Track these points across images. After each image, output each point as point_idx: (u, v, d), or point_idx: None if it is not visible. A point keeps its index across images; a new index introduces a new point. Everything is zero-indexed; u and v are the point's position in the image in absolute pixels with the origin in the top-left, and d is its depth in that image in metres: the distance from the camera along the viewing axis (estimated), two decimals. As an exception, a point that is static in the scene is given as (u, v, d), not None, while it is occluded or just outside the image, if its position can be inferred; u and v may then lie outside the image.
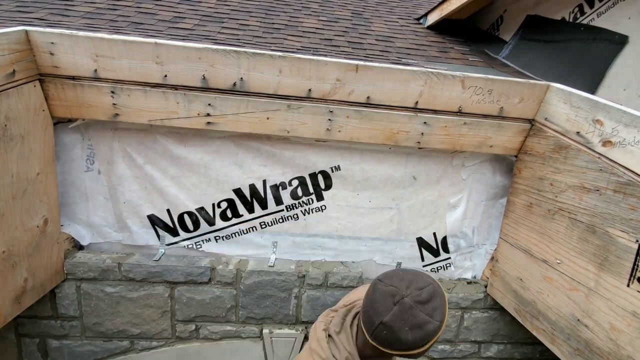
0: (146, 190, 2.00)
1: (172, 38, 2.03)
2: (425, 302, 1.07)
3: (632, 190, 1.43)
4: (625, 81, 2.05)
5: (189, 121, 1.80)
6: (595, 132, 1.60)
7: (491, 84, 1.86)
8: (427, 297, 1.08)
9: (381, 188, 2.12)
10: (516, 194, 2.04)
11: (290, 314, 2.14)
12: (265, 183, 2.05)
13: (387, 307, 1.07)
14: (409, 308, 1.05)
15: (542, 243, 1.83)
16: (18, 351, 2.06)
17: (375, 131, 1.91)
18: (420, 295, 1.08)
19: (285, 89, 1.79)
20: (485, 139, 1.98)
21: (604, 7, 2.20)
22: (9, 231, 1.53)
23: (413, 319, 1.05)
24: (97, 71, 1.67)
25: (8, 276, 1.55)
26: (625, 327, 1.42)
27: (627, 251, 1.43)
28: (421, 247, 2.25)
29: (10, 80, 1.49)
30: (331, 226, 2.16)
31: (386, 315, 1.06)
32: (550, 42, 2.52)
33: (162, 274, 1.99)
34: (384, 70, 1.80)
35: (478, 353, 2.39)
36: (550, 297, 1.77)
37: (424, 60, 2.41)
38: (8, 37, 1.48)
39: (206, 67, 1.71)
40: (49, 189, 1.76)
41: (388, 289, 1.10)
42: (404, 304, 1.06)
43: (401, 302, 1.06)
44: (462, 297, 2.22)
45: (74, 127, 1.86)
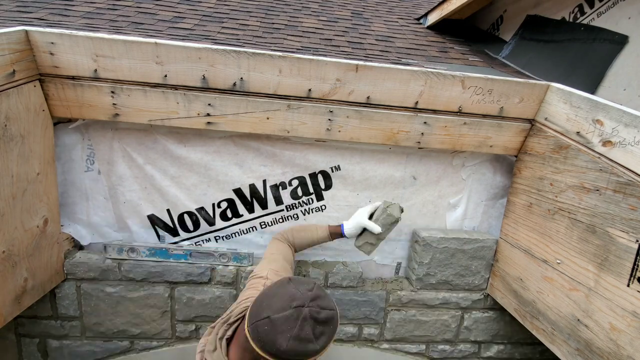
0: (146, 190, 2.00)
1: (172, 38, 2.03)
2: (320, 322, 1.04)
3: (632, 190, 1.43)
4: (625, 81, 2.04)
5: (189, 121, 1.80)
6: (595, 132, 1.60)
7: (491, 84, 1.86)
8: (324, 318, 1.05)
9: (381, 188, 2.12)
10: (516, 194, 2.04)
11: (290, 314, 2.13)
12: (265, 183, 2.06)
13: (282, 307, 1.03)
14: (302, 318, 1.01)
15: (542, 243, 1.83)
16: (18, 351, 2.06)
17: (375, 131, 1.91)
18: (320, 313, 1.04)
19: (285, 89, 1.79)
20: (485, 139, 1.98)
21: (604, 7, 2.20)
22: (9, 231, 1.53)
23: (299, 330, 1.01)
24: (97, 71, 1.67)
25: (8, 276, 1.55)
26: (625, 327, 1.42)
27: (627, 251, 1.43)
28: (421, 247, 2.25)
29: (10, 80, 1.49)
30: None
31: (277, 313, 1.02)
32: (550, 42, 2.52)
33: (162, 274, 1.99)
34: (384, 70, 1.80)
35: (478, 353, 2.39)
36: (550, 297, 1.77)
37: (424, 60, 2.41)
38: (8, 37, 1.48)
39: (206, 67, 1.71)
40: (49, 189, 1.76)
41: (293, 292, 1.06)
42: (299, 312, 1.02)
43: (298, 308, 1.02)
44: (462, 297, 2.23)
45: (74, 127, 1.86)
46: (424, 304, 2.20)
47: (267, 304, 1.06)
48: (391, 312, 2.20)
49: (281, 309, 1.03)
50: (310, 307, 1.03)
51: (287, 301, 1.04)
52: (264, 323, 1.02)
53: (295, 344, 1.00)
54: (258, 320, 1.04)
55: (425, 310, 2.22)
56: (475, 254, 2.14)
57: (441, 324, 2.26)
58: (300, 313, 1.02)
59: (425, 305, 2.21)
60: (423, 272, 2.14)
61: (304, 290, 1.07)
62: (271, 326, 1.01)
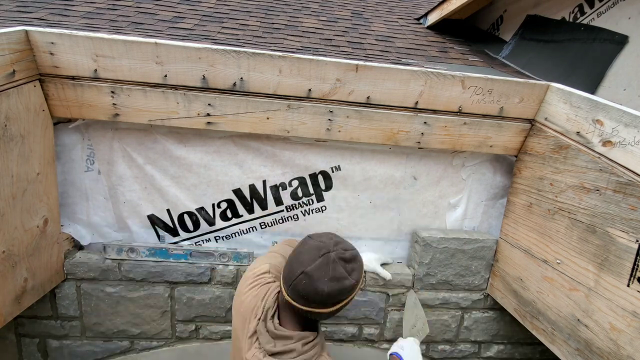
0: (146, 190, 2.00)
1: (172, 38, 2.03)
2: (348, 261, 1.17)
3: (632, 190, 1.43)
4: (625, 81, 2.04)
5: (189, 121, 1.80)
6: (595, 132, 1.60)
7: (491, 84, 1.86)
8: (350, 257, 1.18)
9: (382, 188, 2.12)
10: (516, 194, 2.04)
11: (290, 314, 2.13)
12: (265, 183, 2.05)
13: (312, 258, 1.14)
14: (332, 261, 1.13)
15: (542, 243, 1.83)
16: (18, 351, 2.06)
17: (375, 131, 1.91)
18: (345, 254, 1.17)
19: (285, 89, 1.79)
20: (485, 139, 1.98)
21: (604, 7, 2.20)
22: (9, 231, 1.53)
23: (334, 272, 1.12)
24: (97, 71, 1.67)
25: (8, 276, 1.55)
26: (625, 327, 1.42)
27: (627, 251, 1.43)
28: (421, 247, 2.25)
29: (10, 80, 1.49)
30: (331, 226, 2.16)
31: (310, 265, 1.13)
32: (550, 42, 2.52)
33: (162, 274, 1.99)
34: (384, 70, 1.80)
35: (478, 353, 2.39)
36: (550, 297, 1.77)
37: (424, 60, 2.41)
38: (8, 37, 1.48)
39: (206, 67, 1.71)
40: (49, 189, 1.76)
41: (316, 244, 1.18)
42: (328, 257, 1.14)
43: (326, 255, 1.14)
44: (462, 297, 2.23)
45: (74, 127, 1.86)
46: (424, 304, 2.20)
47: (298, 263, 1.15)
48: (391, 312, 2.20)
49: (311, 260, 1.13)
50: (335, 250, 1.16)
51: (314, 253, 1.15)
52: (300, 279, 1.12)
53: (334, 284, 1.12)
54: (294, 279, 1.13)
55: (426, 310, 2.22)
56: (475, 254, 2.14)
57: (441, 324, 2.26)
58: (329, 258, 1.14)
59: (425, 305, 2.21)
60: (423, 272, 2.14)
61: (325, 239, 1.19)
62: (308, 278, 1.11)
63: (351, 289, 1.17)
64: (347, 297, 1.17)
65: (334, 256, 1.14)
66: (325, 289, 1.10)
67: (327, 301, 1.13)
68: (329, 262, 1.13)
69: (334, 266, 1.13)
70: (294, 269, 1.14)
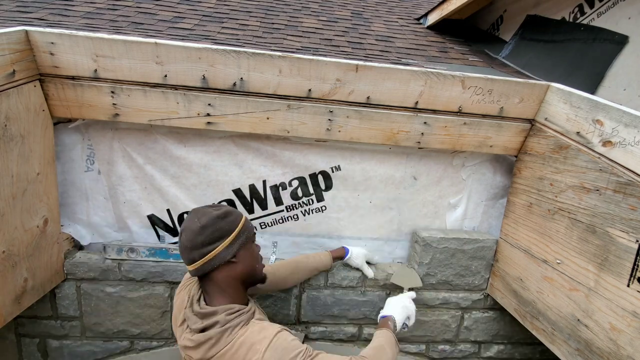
0: (146, 190, 2.00)
1: (172, 38, 2.03)
2: (212, 206, 1.32)
3: (632, 190, 1.43)
4: (625, 81, 2.04)
5: (189, 121, 1.80)
6: (595, 132, 1.60)
7: (491, 84, 1.86)
8: (215, 204, 1.35)
9: (382, 188, 2.12)
10: (516, 194, 2.04)
11: (290, 314, 2.13)
12: (265, 183, 2.05)
13: (185, 220, 1.29)
14: (196, 210, 1.29)
15: (542, 243, 1.83)
16: (18, 351, 2.06)
17: (375, 131, 1.91)
18: (215, 206, 1.32)
19: (285, 89, 1.79)
20: (485, 139, 1.98)
21: (604, 7, 2.20)
22: (9, 231, 1.53)
23: (200, 213, 1.26)
24: (97, 71, 1.67)
25: (8, 276, 1.55)
26: (625, 327, 1.42)
27: (627, 251, 1.43)
28: (421, 247, 2.25)
29: (10, 80, 1.49)
30: (331, 226, 2.16)
31: (183, 224, 1.27)
32: (550, 42, 2.52)
33: (162, 274, 1.99)
34: (384, 70, 1.80)
35: (478, 353, 2.39)
36: (550, 297, 1.77)
37: (424, 60, 2.41)
38: (8, 37, 1.48)
39: (206, 67, 1.71)
40: (49, 189, 1.76)
41: None
42: (196, 210, 1.29)
43: (194, 210, 1.30)
44: (462, 297, 2.23)
45: (74, 127, 1.86)
46: (424, 304, 2.20)
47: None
48: (391, 312, 2.20)
49: (183, 223, 1.31)
50: (198, 207, 1.33)
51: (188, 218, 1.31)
52: (181, 242, 1.26)
53: (204, 218, 1.24)
54: (180, 249, 1.28)
55: (425, 310, 2.22)
56: (475, 254, 2.14)
57: (441, 324, 2.26)
58: (198, 209, 1.30)
59: (425, 305, 2.21)
60: (423, 272, 2.14)
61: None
62: (185, 232, 1.25)
63: (223, 216, 1.25)
64: (227, 226, 1.26)
65: (202, 207, 1.30)
66: (198, 224, 1.22)
67: (208, 236, 1.22)
68: (193, 211, 1.29)
69: (197, 211, 1.28)
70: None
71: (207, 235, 1.22)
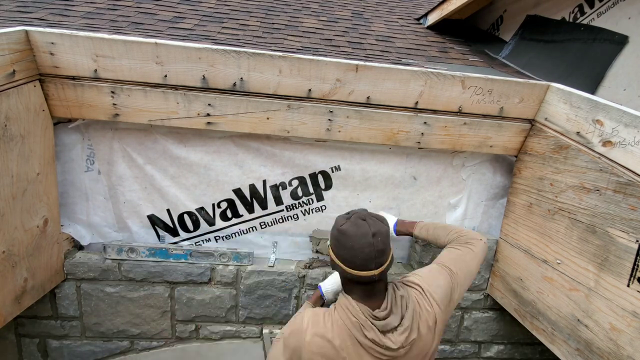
0: (146, 190, 2.00)
1: (172, 38, 2.03)
2: (366, 217, 1.23)
3: (632, 190, 1.43)
4: (625, 81, 2.04)
5: (189, 121, 1.80)
6: (595, 132, 1.60)
7: (491, 84, 1.86)
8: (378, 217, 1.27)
9: (381, 188, 2.12)
10: (516, 194, 2.03)
11: (291, 314, 2.13)
12: (265, 183, 2.05)
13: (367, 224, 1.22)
14: (366, 212, 1.25)
15: (542, 243, 1.83)
16: (18, 351, 2.06)
17: (375, 131, 1.91)
18: (361, 213, 1.26)
19: (285, 89, 1.79)
20: (485, 139, 1.98)
21: (604, 7, 2.20)
22: (9, 231, 1.53)
23: (374, 215, 1.24)
24: (97, 71, 1.67)
25: (8, 276, 1.55)
26: (625, 327, 1.42)
27: (627, 251, 1.43)
28: (421, 247, 2.25)
29: (10, 80, 1.49)
30: (331, 226, 2.15)
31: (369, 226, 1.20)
32: (550, 42, 2.52)
33: (162, 274, 1.99)
34: (384, 70, 1.80)
35: (478, 353, 2.39)
36: (550, 297, 1.77)
37: (424, 60, 2.41)
38: (8, 37, 1.48)
39: (206, 67, 1.71)
40: (49, 189, 1.76)
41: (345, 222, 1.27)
42: (366, 214, 1.24)
43: (362, 213, 1.24)
44: (462, 297, 2.22)
45: (74, 127, 1.86)
46: (424, 304, 2.20)
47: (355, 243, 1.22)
48: (391, 312, 2.20)
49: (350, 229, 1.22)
50: (357, 212, 1.26)
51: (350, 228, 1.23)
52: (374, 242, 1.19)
53: (350, 226, 1.19)
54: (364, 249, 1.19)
55: (425, 311, 2.22)
56: (475, 254, 2.13)
57: (441, 324, 2.26)
58: (352, 214, 1.25)
59: (425, 306, 2.21)
60: (423, 272, 2.13)
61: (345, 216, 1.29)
62: (376, 237, 1.19)
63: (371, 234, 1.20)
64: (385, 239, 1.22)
65: (365, 211, 1.26)
66: (383, 229, 1.20)
67: (387, 237, 1.21)
68: (369, 214, 1.23)
69: (373, 214, 1.24)
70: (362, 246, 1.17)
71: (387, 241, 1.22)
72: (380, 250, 1.17)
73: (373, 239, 1.16)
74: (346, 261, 1.19)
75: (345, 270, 1.20)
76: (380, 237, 1.18)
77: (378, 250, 1.17)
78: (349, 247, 1.18)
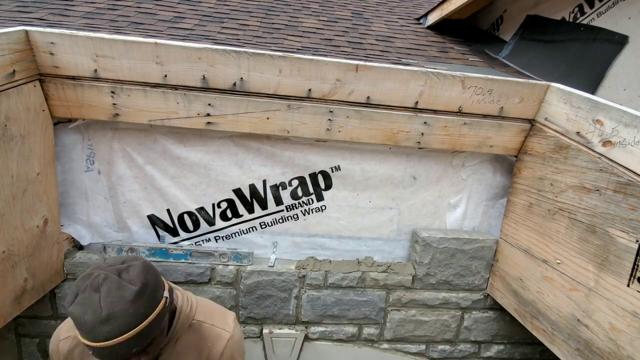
0: (146, 190, 2.00)
1: (172, 38, 2.03)
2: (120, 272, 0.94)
3: (632, 190, 1.43)
4: (625, 81, 2.04)
5: (189, 121, 1.80)
6: (595, 132, 1.60)
7: (491, 84, 1.86)
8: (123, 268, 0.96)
9: (381, 188, 2.12)
10: (516, 194, 2.04)
11: (290, 314, 2.14)
12: (265, 183, 2.05)
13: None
14: (90, 281, 0.92)
15: (542, 243, 1.83)
16: (18, 351, 2.06)
17: (375, 131, 1.91)
18: (107, 278, 0.92)
19: (285, 89, 1.79)
20: (485, 139, 1.98)
21: (604, 7, 2.20)
22: (9, 231, 1.53)
23: (82, 293, 0.90)
24: (97, 71, 1.67)
25: (8, 276, 1.55)
26: (625, 327, 1.42)
27: (627, 251, 1.43)
28: (421, 247, 2.25)
29: (10, 80, 1.49)
30: (331, 226, 2.16)
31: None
32: (550, 42, 2.52)
33: (162, 274, 1.99)
34: (384, 70, 1.80)
35: (478, 353, 2.39)
36: (550, 297, 1.77)
37: (424, 60, 2.41)
38: (8, 37, 1.48)
39: (206, 67, 1.71)
40: (49, 189, 1.76)
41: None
42: (90, 274, 0.94)
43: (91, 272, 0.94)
44: (462, 297, 2.23)
45: (74, 127, 1.86)
46: (424, 304, 2.20)
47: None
48: (391, 312, 2.20)
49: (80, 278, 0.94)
50: (105, 270, 0.92)
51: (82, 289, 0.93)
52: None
53: (76, 307, 0.89)
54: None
55: (425, 311, 2.22)
56: (475, 254, 2.14)
57: (441, 324, 2.26)
58: (90, 275, 0.92)
59: (425, 305, 2.21)
60: (423, 272, 2.14)
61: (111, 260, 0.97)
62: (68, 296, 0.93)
63: (92, 323, 0.88)
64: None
65: (96, 275, 0.92)
66: (68, 307, 0.90)
67: (78, 326, 0.89)
68: (87, 278, 0.92)
69: (86, 286, 0.90)
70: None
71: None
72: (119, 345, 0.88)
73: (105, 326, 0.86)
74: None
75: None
76: (117, 326, 0.87)
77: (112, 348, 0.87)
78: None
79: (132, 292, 0.91)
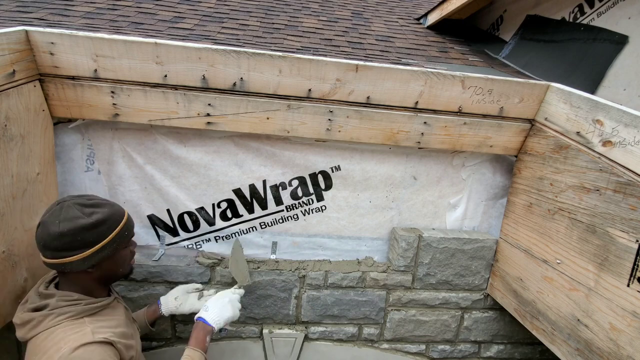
0: (146, 190, 2.00)
1: (172, 38, 2.03)
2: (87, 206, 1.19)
3: (632, 190, 1.43)
4: (625, 81, 2.04)
5: (189, 121, 1.80)
6: (595, 132, 1.60)
7: (491, 84, 1.86)
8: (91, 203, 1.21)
9: (381, 188, 2.12)
10: (516, 194, 2.04)
11: (290, 314, 2.14)
12: (265, 183, 2.05)
13: (49, 209, 1.19)
14: (67, 207, 1.17)
15: (542, 243, 1.83)
16: (18, 351, 2.06)
17: (375, 131, 1.91)
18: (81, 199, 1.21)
19: (285, 89, 1.79)
20: (485, 139, 1.98)
21: (604, 7, 2.20)
22: (9, 231, 1.53)
23: (66, 214, 1.15)
24: (97, 71, 1.67)
25: (8, 276, 1.55)
26: (625, 327, 1.42)
27: (627, 251, 1.43)
28: (421, 247, 2.25)
29: (10, 80, 1.49)
30: (331, 226, 2.16)
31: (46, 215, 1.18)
32: (550, 42, 2.52)
33: (162, 274, 1.99)
34: (384, 70, 1.80)
35: (478, 353, 2.39)
36: (550, 297, 1.77)
37: (424, 60, 2.41)
38: (8, 37, 1.48)
39: (206, 67, 1.71)
40: (49, 189, 1.76)
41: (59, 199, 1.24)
42: (63, 204, 1.18)
43: (62, 202, 1.19)
44: (462, 297, 2.23)
45: (74, 127, 1.86)
46: (424, 304, 2.20)
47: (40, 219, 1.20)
48: (391, 312, 2.21)
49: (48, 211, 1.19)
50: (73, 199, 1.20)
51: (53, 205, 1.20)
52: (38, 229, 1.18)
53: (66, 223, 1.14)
54: (35, 230, 1.18)
55: (425, 310, 2.22)
56: (475, 254, 2.14)
57: (441, 324, 2.26)
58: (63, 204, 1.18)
59: (425, 305, 2.21)
60: (423, 272, 2.14)
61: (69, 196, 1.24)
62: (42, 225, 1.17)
63: (90, 227, 1.16)
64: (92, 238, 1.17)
65: (69, 202, 1.18)
66: (57, 229, 1.13)
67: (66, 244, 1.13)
68: (63, 207, 1.17)
69: (66, 209, 1.16)
70: (35, 230, 1.19)
71: (65, 243, 1.14)
72: (37, 240, 1.17)
73: (38, 227, 1.18)
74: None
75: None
76: (41, 228, 1.17)
77: (36, 239, 1.18)
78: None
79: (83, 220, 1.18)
